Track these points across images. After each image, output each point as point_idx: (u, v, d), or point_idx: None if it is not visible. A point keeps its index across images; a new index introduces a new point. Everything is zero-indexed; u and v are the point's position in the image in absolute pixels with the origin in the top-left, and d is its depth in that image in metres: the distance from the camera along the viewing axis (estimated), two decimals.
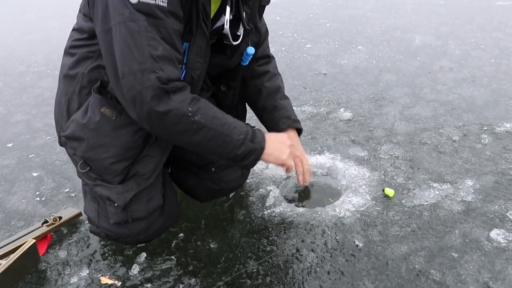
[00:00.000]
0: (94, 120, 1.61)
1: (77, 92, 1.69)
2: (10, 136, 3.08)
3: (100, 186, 1.69)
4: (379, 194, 2.15)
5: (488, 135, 2.63)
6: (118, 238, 1.80)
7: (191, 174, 1.97)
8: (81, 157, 1.68)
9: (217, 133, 1.52)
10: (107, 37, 1.42)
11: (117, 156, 1.63)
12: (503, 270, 1.69)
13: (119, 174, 1.66)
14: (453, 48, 4.32)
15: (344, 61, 4.14)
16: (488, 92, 3.27)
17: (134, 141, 1.63)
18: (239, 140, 1.57)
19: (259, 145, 1.63)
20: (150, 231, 1.80)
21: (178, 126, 1.46)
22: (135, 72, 1.38)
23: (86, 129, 1.62)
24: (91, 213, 1.80)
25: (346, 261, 1.78)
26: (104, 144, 1.62)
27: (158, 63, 1.39)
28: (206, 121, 1.49)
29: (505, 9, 5.79)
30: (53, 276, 1.80)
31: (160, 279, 1.75)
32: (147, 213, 1.75)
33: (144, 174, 1.70)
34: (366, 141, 2.66)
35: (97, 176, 1.69)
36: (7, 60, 4.90)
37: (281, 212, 2.07)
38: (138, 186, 1.70)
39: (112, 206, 1.71)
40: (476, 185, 2.19)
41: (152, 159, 1.70)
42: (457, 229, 1.91)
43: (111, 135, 1.61)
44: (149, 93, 1.39)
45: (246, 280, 1.72)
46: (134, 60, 1.37)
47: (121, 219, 1.72)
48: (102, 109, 1.60)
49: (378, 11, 6.01)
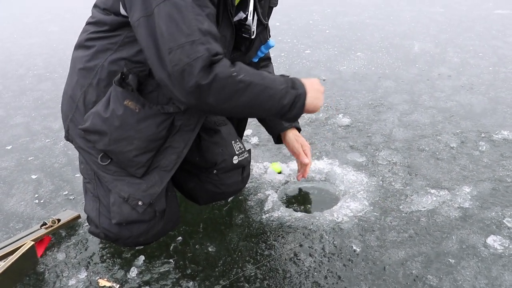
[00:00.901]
0: (118, 113, 1.61)
1: (94, 85, 1.69)
2: (9, 138, 3.08)
3: (121, 181, 1.70)
4: (377, 199, 2.16)
5: (485, 142, 2.65)
6: (117, 240, 1.80)
7: (191, 176, 1.98)
8: (102, 150, 1.68)
9: (262, 87, 1.49)
10: (148, 22, 1.41)
11: (141, 148, 1.64)
12: (499, 277, 1.70)
13: (143, 166, 1.68)
14: (452, 56, 4.35)
15: (343, 67, 4.16)
16: (486, 100, 3.29)
17: (158, 133, 1.64)
18: (283, 89, 1.53)
19: (302, 89, 1.59)
20: (150, 234, 1.80)
21: (226, 89, 1.43)
22: (183, 44, 1.37)
23: (109, 123, 1.62)
24: (91, 212, 1.80)
25: (343, 266, 1.79)
26: (128, 137, 1.63)
27: (206, 37, 1.39)
28: (250, 78, 1.46)
29: (503, 17, 5.83)
30: (51, 278, 1.80)
31: (158, 282, 1.75)
32: (150, 215, 1.75)
33: (166, 166, 1.72)
34: (365, 147, 2.67)
35: (118, 169, 1.70)
36: (7, 63, 4.91)
37: (279, 216, 2.07)
38: (161, 180, 1.72)
39: (125, 205, 1.70)
40: (474, 191, 2.20)
41: (174, 150, 1.71)
42: (454, 235, 1.92)
43: (135, 127, 1.62)
44: (199, 64, 1.37)
45: (244, 284, 1.72)
46: (181, 33, 1.37)
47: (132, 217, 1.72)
48: (125, 102, 1.60)
49: (377, 18, 6.05)
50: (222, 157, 1.92)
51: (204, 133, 1.93)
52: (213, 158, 1.92)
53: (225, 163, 1.93)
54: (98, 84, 1.68)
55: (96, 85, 1.69)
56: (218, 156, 1.92)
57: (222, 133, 1.97)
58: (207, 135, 1.93)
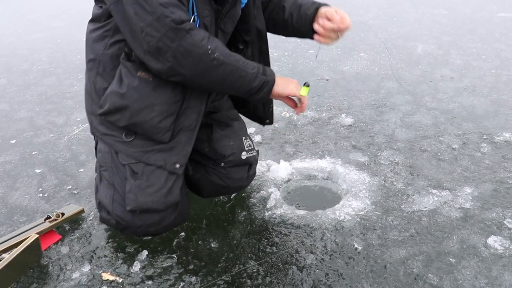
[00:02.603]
0: (134, 85, 1.69)
1: (101, 72, 1.79)
2: (13, 132, 3.10)
3: (152, 152, 1.77)
4: (379, 198, 2.17)
5: (487, 144, 2.66)
6: (127, 227, 1.84)
7: (199, 167, 2.01)
8: (125, 127, 1.75)
9: (234, 68, 1.63)
10: (118, 6, 1.58)
11: (163, 113, 1.72)
12: (499, 276, 1.71)
13: (168, 130, 1.75)
14: (455, 58, 4.36)
15: (346, 67, 4.17)
16: (488, 102, 3.30)
17: (175, 95, 1.72)
18: (253, 73, 1.67)
19: (271, 77, 1.73)
20: (161, 225, 1.85)
21: (201, 64, 1.57)
22: (150, 22, 1.51)
23: (128, 96, 1.70)
24: (105, 199, 1.84)
25: (345, 264, 1.80)
26: (148, 105, 1.70)
27: (167, 8, 1.51)
28: (224, 57, 1.60)
29: (506, 20, 5.83)
30: (55, 271, 1.82)
31: (161, 276, 1.77)
32: (165, 206, 1.80)
33: (190, 125, 1.81)
34: (367, 146, 2.68)
35: (145, 141, 1.77)
36: (11, 58, 4.93)
37: (281, 214, 2.09)
38: (189, 140, 1.82)
39: (141, 193, 1.76)
40: (475, 192, 2.21)
41: (193, 109, 1.80)
42: (455, 235, 1.94)
43: (153, 95, 1.69)
44: (170, 35, 1.52)
45: (246, 280, 1.74)
46: (146, 12, 1.51)
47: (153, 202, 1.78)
48: (138, 73, 1.68)
49: (380, 19, 6.06)
50: (231, 150, 1.97)
51: (217, 126, 2.00)
52: (222, 150, 1.96)
53: (234, 157, 1.96)
54: (105, 70, 1.78)
55: (103, 72, 1.79)
56: (227, 148, 1.97)
57: (234, 127, 2.01)
58: (219, 128, 2.00)
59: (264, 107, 2.12)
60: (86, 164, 2.60)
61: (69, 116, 3.31)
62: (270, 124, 2.20)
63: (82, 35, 2.09)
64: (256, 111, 2.15)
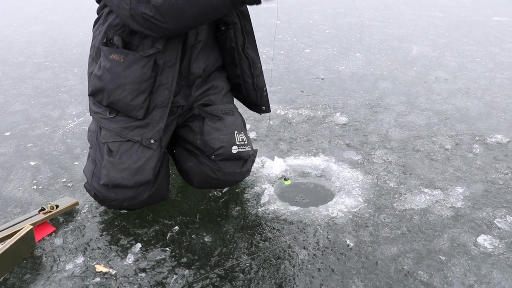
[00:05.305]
0: (107, 67, 1.85)
1: (94, 56, 1.97)
2: (7, 125, 3.10)
3: (129, 128, 1.90)
4: (371, 196, 2.20)
5: (479, 145, 2.69)
6: (104, 200, 1.95)
7: (192, 157, 2.03)
8: (107, 106, 1.92)
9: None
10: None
11: (133, 91, 1.85)
12: (488, 274, 1.74)
13: (141, 107, 1.88)
14: (449, 60, 4.40)
15: (341, 67, 4.20)
16: (481, 104, 3.33)
17: (144, 74, 1.84)
18: None
19: None
20: (135, 201, 1.94)
21: (172, 11, 1.64)
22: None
23: (103, 78, 1.87)
24: (87, 172, 2.01)
25: (337, 260, 1.82)
26: (120, 84, 1.85)
27: None
28: None
29: (501, 24, 5.88)
30: (48, 262, 1.83)
31: (154, 269, 1.78)
32: (134, 183, 1.88)
33: (162, 102, 1.91)
34: (361, 145, 2.70)
35: (125, 117, 1.91)
36: (6, 51, 4.91)
37: (275, 210, 2.11)
38: (162, 117, 1.92)
39: (113, 170, 1.87)
40: (466, 192, 2.24)
41: (165, 86, 1.90)
42: (446, 233, 1.96)
43: (123, 75, 1.84)
44: (133, 2, 1.65)
45: (238, 274, 1.75)
46: None
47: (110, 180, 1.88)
48: (110, 56, 1.84)
49: (377, 20, 6.09)
50: (220, 143, 1.97)
51: (209, 119, 2.03)
52: (212, 143, 1.98)
53: (223, 150, 1.97)
54: (96, 55, 1.96)
55: (95, 57, 1.97)
56: (216, 141, 1.98)
57: (225, 121, 2.02)
58: (211, 121, 2.01)
59: (256, 91, 2.15)
60: (80, 157, 2.61)
61: (64, 110, 3.31)
62: (267, 111, 2.22)
63: (79, 29, 2.13)
64: (249, 95, 2.18)
